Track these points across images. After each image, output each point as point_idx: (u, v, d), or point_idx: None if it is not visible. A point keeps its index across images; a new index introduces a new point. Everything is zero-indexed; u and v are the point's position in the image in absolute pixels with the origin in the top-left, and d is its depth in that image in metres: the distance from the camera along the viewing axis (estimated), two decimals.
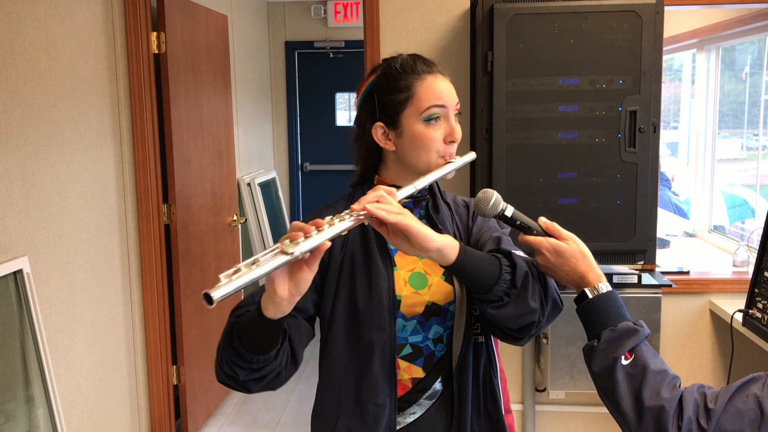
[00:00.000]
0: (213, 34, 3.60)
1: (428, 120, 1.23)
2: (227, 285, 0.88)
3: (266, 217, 4.58)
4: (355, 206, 1.05)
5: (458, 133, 1.26)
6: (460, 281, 1.24)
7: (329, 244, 1.00)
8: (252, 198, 4.47)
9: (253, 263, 0.92)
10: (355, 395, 1.26)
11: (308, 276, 1.03)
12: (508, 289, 1.13)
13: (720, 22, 3.53)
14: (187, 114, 3.25)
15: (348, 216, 1.04)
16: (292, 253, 0.94)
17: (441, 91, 1.24)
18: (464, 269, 1.12)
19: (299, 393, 3.84)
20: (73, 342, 2.51)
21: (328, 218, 1.03)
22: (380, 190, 1.09)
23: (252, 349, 1.11)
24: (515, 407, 2.85)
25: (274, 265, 0.93)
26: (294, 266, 1.02)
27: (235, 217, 3.85)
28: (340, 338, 1.26)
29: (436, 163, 1.25)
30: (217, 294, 0.86)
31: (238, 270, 0.90)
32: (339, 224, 1.01)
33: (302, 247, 0.96)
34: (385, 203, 1.07)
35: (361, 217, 1.05)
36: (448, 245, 1.10)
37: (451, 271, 1.14)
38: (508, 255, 1.17)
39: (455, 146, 1.27)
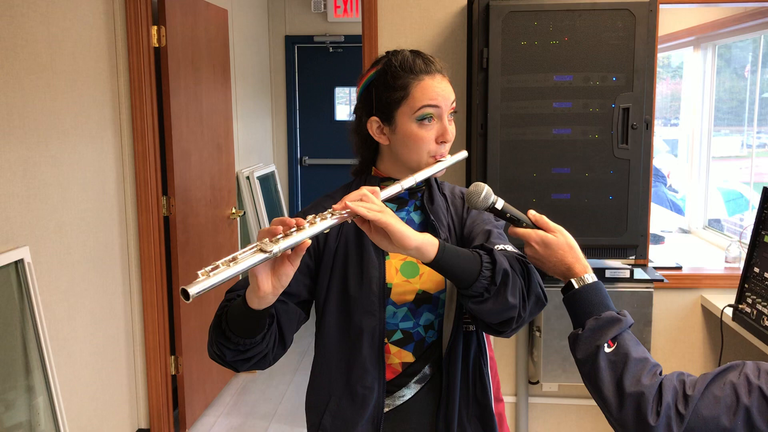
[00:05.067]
0: (213, 27, 3.63)
1: (421, 119, 1.25)
2: (204, 281, 0.91)
3: (265, 211, 4.61)
4: (336, 206, 1.08)
5: (451, 133, 1.27)
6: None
7: (310, 242, 1.04)
8: (251, 191, 4.50)
9: (232, 260, 0.95)
10: (345, 377, 1.31)
11: (290, 270, 1.06)
12: (488, 286, 1.15)
13: (716, 20, 3.56)
14: (187, 107, 3.28)
15: (330, 215, 1.07)
16: (270, 251, 0.98)
17: (436, 92, 1.25)
18: (444, 266, 1.14)
19: (296, 384, 3.88)
20: (73, 331, 2.55)
21: (310, 217, 1.06)
22: (363, 190, 1.12)
23: (239, 333, 1.16)
24: (508, 399, 2.89)
25: (251, 263, 0.97)
26: (276, 261, 1.05)
27: (233, 210, 3.88)
28: (332, 323, 1.31)
29: (427, 162, 1.28)
30: (194, 290, 0.90)
31: (217, 267, 0.93)
32: (321, 223, 1.05)
33: (281, 245, 0.99)
34: (367, 201, 1.10)
35: (345, 215, 1.08)
36: (427, 243, 1.12)
37: (432, 268, 1.17)
38: (490, 252, 1.19)
39: (448, 146, 1.29)
